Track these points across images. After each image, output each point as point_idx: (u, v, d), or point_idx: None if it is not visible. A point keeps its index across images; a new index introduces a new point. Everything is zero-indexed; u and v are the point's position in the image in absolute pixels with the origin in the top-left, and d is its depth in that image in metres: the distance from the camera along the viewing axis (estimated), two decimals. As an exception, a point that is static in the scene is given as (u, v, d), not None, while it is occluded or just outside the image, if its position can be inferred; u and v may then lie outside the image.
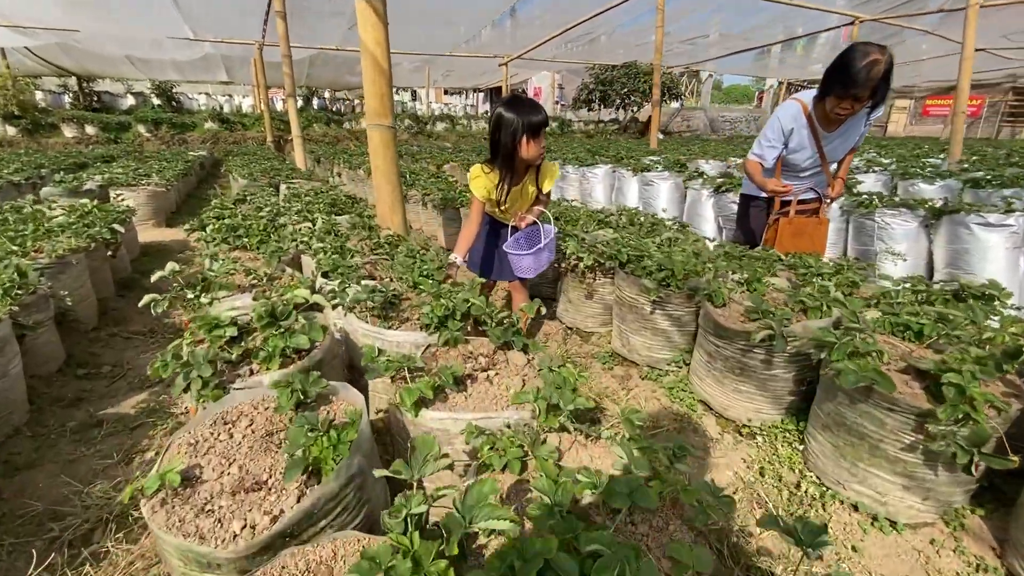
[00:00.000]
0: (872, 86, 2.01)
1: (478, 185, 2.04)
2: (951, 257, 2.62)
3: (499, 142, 1.92)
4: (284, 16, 7.45)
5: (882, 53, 2.00)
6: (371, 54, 2.87)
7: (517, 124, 1.84)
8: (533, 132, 1.86)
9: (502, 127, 1.88)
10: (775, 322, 1.56)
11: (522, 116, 1.84)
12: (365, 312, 1.75)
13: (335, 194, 4.09)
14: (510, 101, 1.88)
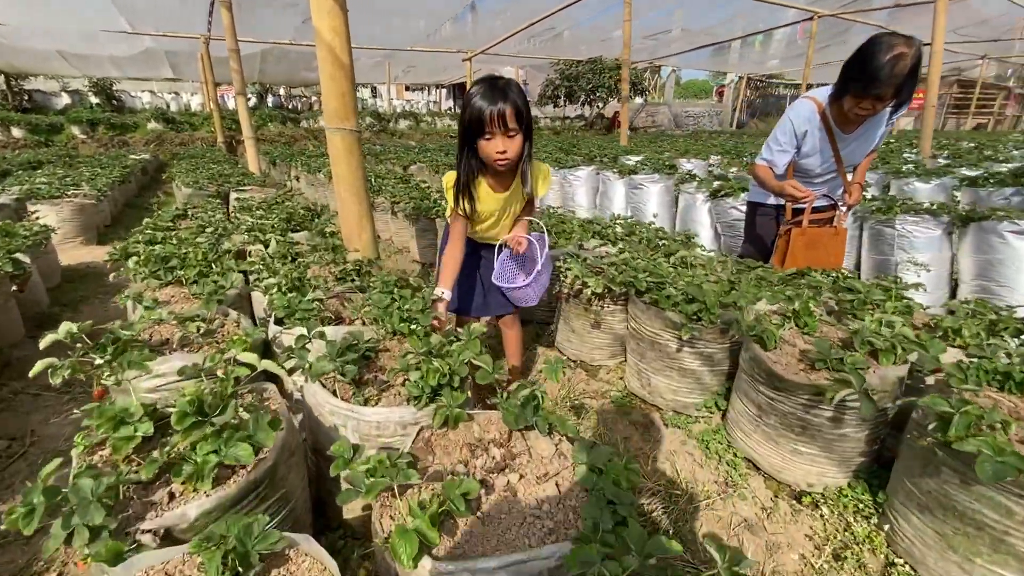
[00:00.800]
0: (896, 84, 1.75)
1: (450, 197, 1.63)
2: (980, 268, 2.41)
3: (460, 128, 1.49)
4: (230, 6, 6.82)
5: (908, 45, 1.74)
6: (328, 45, 2.44)
7: (466, 112, 1.41)
8: (479, 124, 1.39)
9: (464, 112, 1.44)
10: (854, 376, 1.26)
11: (484, 104, 1.37)
12: (332, 378, 1.36)
13: (291, 205, 3.62)
14: (481, 82, 1.42)
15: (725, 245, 3.42)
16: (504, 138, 1.42)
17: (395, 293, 1.78)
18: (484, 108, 1.36)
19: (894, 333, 1.49)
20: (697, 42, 16.44)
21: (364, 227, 2.70)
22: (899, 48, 1.73)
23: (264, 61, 16.05)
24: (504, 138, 1.42)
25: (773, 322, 1.62)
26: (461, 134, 1.49)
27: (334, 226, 3.09)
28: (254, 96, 18.53)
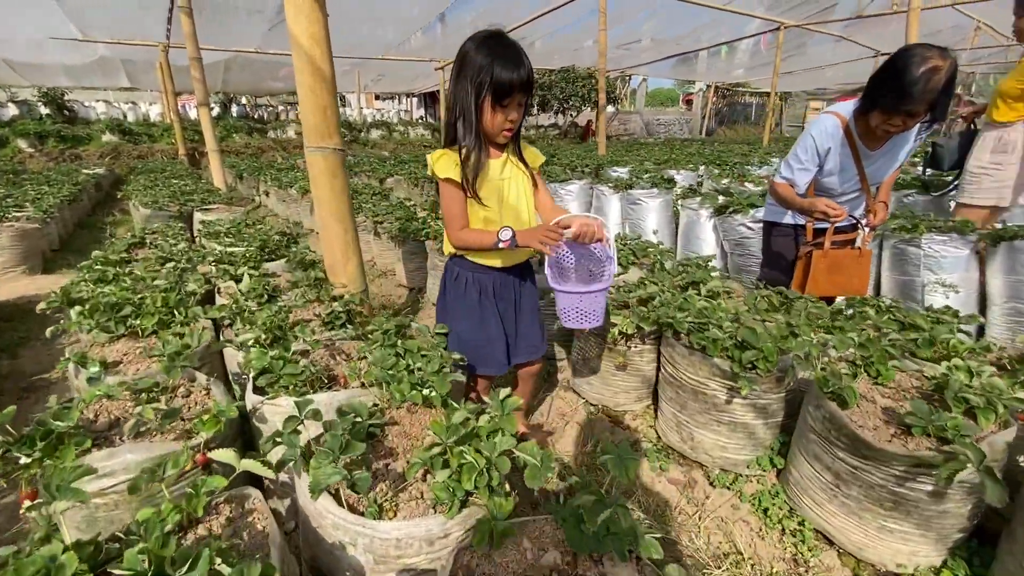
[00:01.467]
0: (930, 100, 1.60)
1: (446, 163, 1.34)
2: (1013, 289, 2.29)
3: (458, 94, 1.28)
4: (190, 12, 6.40)
5: (943, 58, 1.59)
6: (306, 54, 2.16)
7: (485, 76, 1.21)
8: (502, 93, 1.23)
9: (463, 74, 1.25)
10: (972, 452, 1.05)
11: (494, 67, 1.20)
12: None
13: (264, 228, 3.28)
14: (483, 39, 1.25)
15: (733, 264, 3.25)
16: (517, 106, 1.29)
17: (399, 346, 1.50)
18: (511, 76, 1.20)
19: (985, 385, 1.30)
20: (666, 52, 16.65)
21: (350, 256, 2.41)
22: (934, 61, 1.58)
23: (228, 70, 15.43)
24: (517, 106, 1.29)
25: (844, 372, 1.41)
26: (469, 100, 1.26)
27: (314, 253, 2.78)
28: (217, 106, 17.82)
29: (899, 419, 1.23)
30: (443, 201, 1.40)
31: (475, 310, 1.51)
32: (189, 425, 1.25)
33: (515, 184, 1.43)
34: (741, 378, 1.42)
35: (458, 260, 1.51)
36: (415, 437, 1.24)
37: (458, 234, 1.41)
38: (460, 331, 1.53)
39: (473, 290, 1.50)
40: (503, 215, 1.41)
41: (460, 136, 1.32)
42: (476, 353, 1.53)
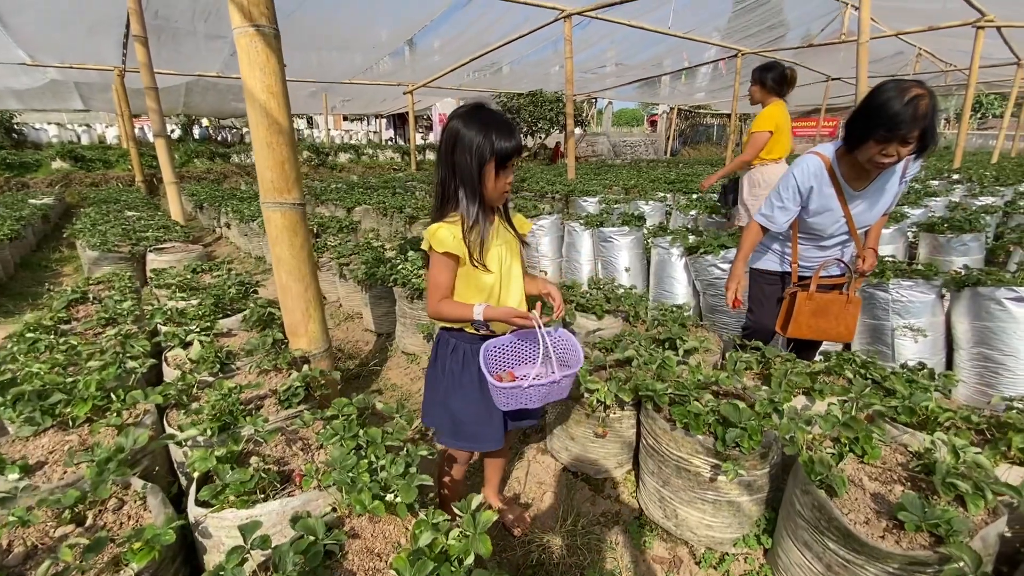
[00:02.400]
0: (923, 125, 1.60)
1: (445, 237, 1.30)
2: (979, 335, 2.33)
3: (455, 170, 1.30)
4: (145, 41, 6.17)
5: (921, 87, 1.60)
6: (262, 107, 2.05)
7: (486, 149, 1.26)
8: (504, 160, 1.29)
9: (459, 150, 1.28)
10: (966, 555, 1.00)
11: (493, 138, 1.26)
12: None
13: (221, 279, 3.10)
14: (471, 114, 1.29)
15: (706, 304, 3.24)
16: (512, 169, 1.34)
17: (360, 437, 1.38)
18: (511, 143, 1.28)
19: (970, 463, 1.27)
20: (629, 76, 17.13)
21: (311, 316, 2.27)
22: (915, 90, 1.59)
23: (189, 93, 15.03)
24: (512, 169, 1.34)
25: (830, 452, 1.37)
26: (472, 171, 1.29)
27: (274, 308, 2.62)
28: (178, 128, 17.32)
29: (890, 511, 1.18)
30: (433, 271, 1.36)
31: (475, 387, 1.43)
32: (121, 548, 1.10)
33: (509, 249, 1.43)
34: (726, 461, 1.35)
35: (455, 332, 1.45)
36: (379, 554, 1.12)
37: (437, 305, 1.37)
38: (457, 407, 1.45)
39: (473, 364, 1.41)
40: (503, 279, 1.41)
41: (463, 207, 1.33)
42: (475, 430, 1.45)
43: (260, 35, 1.99)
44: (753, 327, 2.22)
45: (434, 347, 1.51)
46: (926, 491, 1.26)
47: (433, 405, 1.50)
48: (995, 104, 31.15)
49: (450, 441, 1.48)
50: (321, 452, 1.47)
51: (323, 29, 10.03)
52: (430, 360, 1.53)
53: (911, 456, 1.38)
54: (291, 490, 1.31)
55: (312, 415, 1.55)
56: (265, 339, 2.11)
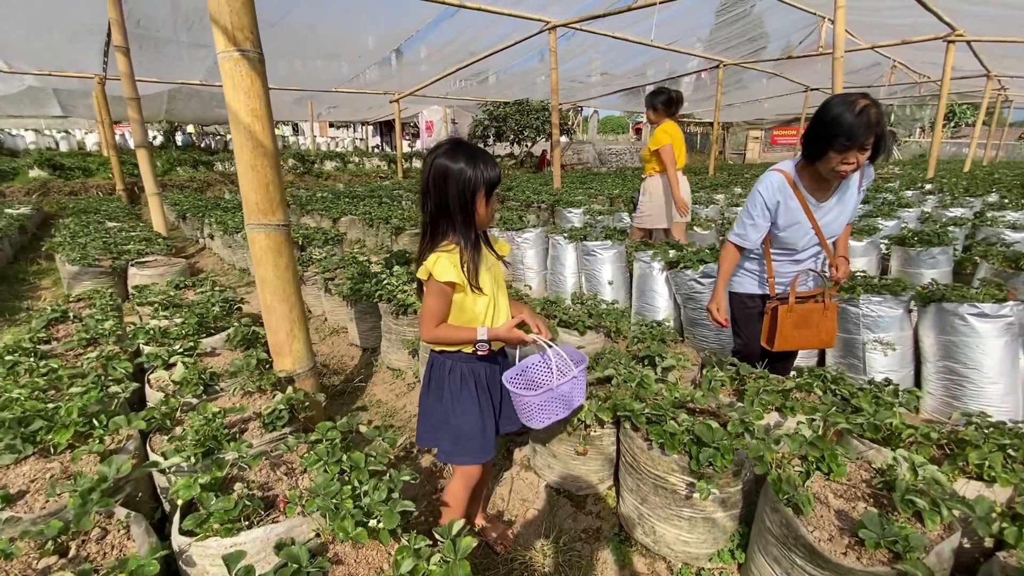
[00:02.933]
0: (878, 132, 1.71)
1: (445, 266, 1.37)
2: (944, 349, 2.42)
3: (447, 202, 1.39)
4: (127, 51, 6.14)
5: (867, 98, 1.73)
6: (247, 130, 2.08)
7: (478, 179, 1.37)
8: (492, 188, 1.41)
9: (450, 183, 1.37)
10: (922, 572, 1.06)
11: (481, 170, 1.37)
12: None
13: (204, 295, 3.09)
14: (454, 151, 1.38)
15: (686, 317, 3.31)
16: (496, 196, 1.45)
17: (344, 462, 1.40)
18: (496, 172, 1.40)
19: (928, 479, 1.34)
20: (614, 86, 17.35)
21: (296, 336, 2.28)
22: (862, 101, 1.71)
23: (172, 99, 14.87)
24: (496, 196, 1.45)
25: (796, 468, 1.43)
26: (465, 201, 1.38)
27: (259, 327, 2.63)
28: (160, 135, 17.10)
29: (853, 528, 1.24)
30: (431, 300, 1.43)
31: (474, 402, 1.52)
32: (103, 581, 1.11)
33: (496, 270, 1.54)
34: (700, 479, 1.41)
35: (451, 355, 1.52)
36: (362, 581, 1.15)
37: (435, 331, 1.45)
38: (461, 426, 1.51)
39: (470, 381, 1.51)
40: (497, 299, 1.51)
41: (460, 235, 1.41)
42: (479, 444, 1.53)
43: (245, 59, 2.02)
44: (743, 350, 2.26)
45: (427, 373, 1.57)
46: (887, 507, 1.33)
47: (429, 430, 1.57)
48: (968, 113, 32.08)
49: (457, 458, 1.54)
50: (305, 477, 1.49)
51: (309, 38, 10.05)
52: (423, 387, 1.59)
53: (875, 473, 1.45)
54: (275, 516, 1.33)
55: (296, 439, 1.57)
56: (249, 360, 2.12)
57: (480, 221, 1.43)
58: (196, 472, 1.41)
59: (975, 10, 8.56)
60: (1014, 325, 2.27)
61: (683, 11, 10.51)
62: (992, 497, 1.42)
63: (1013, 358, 2.28)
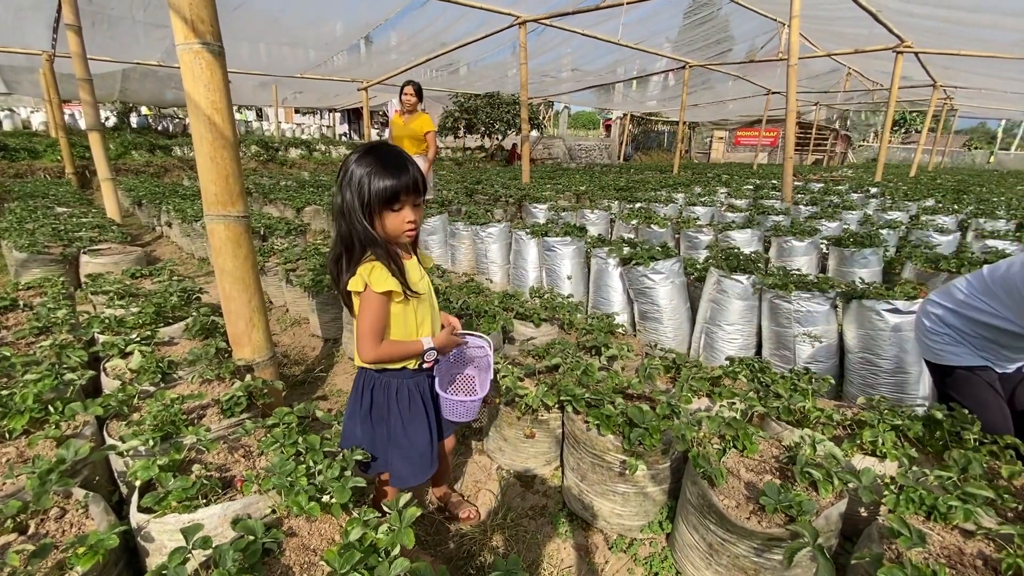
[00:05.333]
0: None
1: (382, 275, 1.31)
2: (863, 342, 2.66)
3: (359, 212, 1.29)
4: (79, 30, 5.89)
5: None
6: (207, 120, 2.10)
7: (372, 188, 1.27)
8: (388, 200, 1.28)
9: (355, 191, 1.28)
10: (807, 531, 1.23)
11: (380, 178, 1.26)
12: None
13: (162, 284, 3.07)
14: (365, 155, 1.30)
15: (639, 311, 3.49)
16: (412, 207, 1.34)
17: (299, 443, 1.49)
18: (393, 181, 1.28)
19: (826, 454, 1.52)
20: (585, 82, 17.56)
21: (255, 325, 2.33)
22: None
23: (126, 79, 14.23)
24: (412, 207, 1.34)
25: (715, 446, 1.59)
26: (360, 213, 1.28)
27: (218, 316, 2.65)
28: (114, 116, 16.34)
29: (757, 496, 1.41)
30: (368, 315, 1.34)
31: (424, 417, 1.50)
32: (63, 556, 1.17)
33: (428, 283, 1.51)
34: (630, 458, 1.55)
35: (395, 372, 1.45)
36: (315, 550, 1.25)
37: (378, 349, 1.37)
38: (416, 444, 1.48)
39: (417, 397, 1.48)
40: (433, 314, 1.50)
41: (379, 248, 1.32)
42: (430, 458, 1.52)
43: (205, 51, 2.05)
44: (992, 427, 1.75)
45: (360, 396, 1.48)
46: (790, 479, 1.50)
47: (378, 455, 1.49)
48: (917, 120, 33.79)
49: (414, 480, 1.50)
50: (262, 459, 1.57)
51: (273, 24, 9.80)
52: (356, 411, 1.49)
53: (784, 450, 1.63)
54: (232, 495, 1.40)
55: (254, 424, 1.64)
56: (208, 349, 2.16)
57: (388, 232, 1.33)
58: (154, 455, 1.46)
59: (923, 23, 9.08)
60: (922, 321, 2.52)
61: (652, 11, 10.74)
62: (881, 470, 1.62)
63: (921, 350, 2.53)
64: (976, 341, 1.81)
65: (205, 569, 1.15)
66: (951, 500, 1.32)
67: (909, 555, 1.18)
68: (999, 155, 31.44)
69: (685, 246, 4.86)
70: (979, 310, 1.76)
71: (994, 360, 1.82)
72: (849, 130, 33.08)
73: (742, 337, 3.08)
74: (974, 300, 1.78)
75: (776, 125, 26.84)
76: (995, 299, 1.72)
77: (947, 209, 6.64)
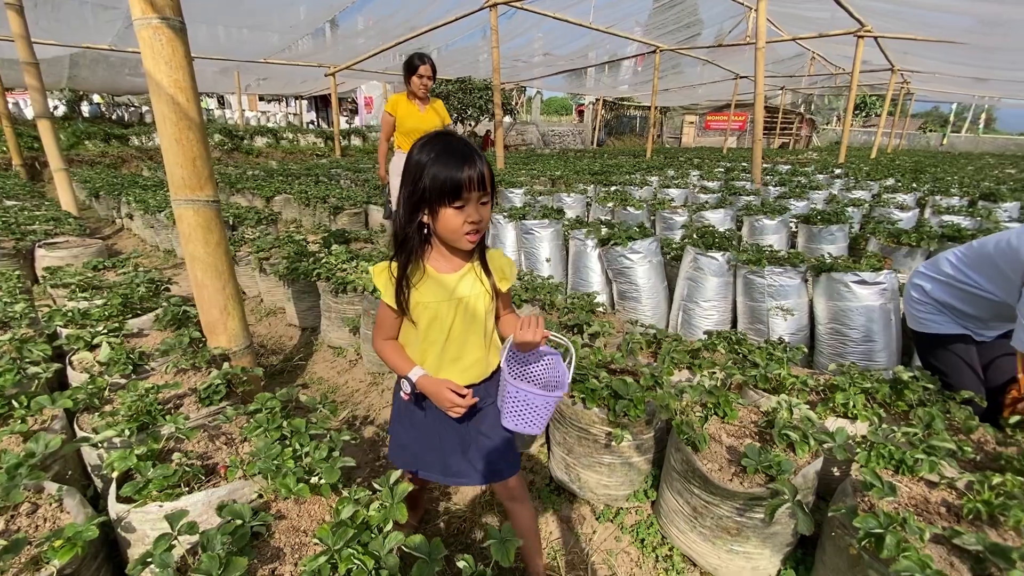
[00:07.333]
0: None
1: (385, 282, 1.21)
2: (832, 313, 2.76)
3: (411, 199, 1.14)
4: (20, 9, 5.54)
5: None
6: (170, 100, 2.02)
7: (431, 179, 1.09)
8: (448, 195, 1.09)
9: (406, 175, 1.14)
10: (787, 488, 1.28)
11: (436, 164, 1.09)
12: None
13: (128, 276, 2.95)
14: (429, 139, 1.14)
15: (617, 291, 3.53)
16: (478, 205, 1.14)
17: (284, 427, 1.46)
18: (456, 172, 1.08)
19: (802, 418, 1.58)
20: (556, 67, 17.49)
21: (230, 313, 2.27)
22: None
23: (75, 65, 13.53)
24: (478, 205, 1.14)
25: (697, 414, 1.63)
26: (412, 205, 1.14)
27: (190, 305, 2.56)
28: (63, 104, 15.49)
29: (739, 459, 1.45)
30: (380, 312, 1.27)
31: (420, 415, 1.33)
32: (38, 551, 1.13)
33: (469, 307, 1.23)
34: (615, 428, 1.58)
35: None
36: (305, 531, 1.23)
37: (380, 345, 1.28)
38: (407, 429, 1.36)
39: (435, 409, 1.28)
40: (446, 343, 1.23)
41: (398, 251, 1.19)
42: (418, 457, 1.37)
43: (165, 27, 1.95)
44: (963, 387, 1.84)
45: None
46: (769, 442, 1.56)
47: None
48: (877, 104, 34.83)
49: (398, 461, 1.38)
50: (246, 445, 1.54)
51: (234, 3, 9.40)
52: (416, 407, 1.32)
53: (762, 415, 1.69)
54: (216, 481, 1.37)
55: (235, 410, 1.60)
56: (181, 338, 2.09)
57: (442, 234, 1.16)
58: (131, 446, 1.42)
59: (882, 7, 9.32)
60: (887, 291, 2.62)
61: (622, -6, 10.72)
62: (853, 431, 1.70)
63: (887, 319, 2.64)
64: (958, 311, 1.91)
65: (192, 555, 1.13)
66: (917, 454, 1.39)
67: (881, 505, 1.25)
68: (951, 137, 32.77)
69: (661, 227, 4.93)
70: (963, 282, 1.86)
71: (973, 329, 1.92)
72: (814, 114, 33.90)
73: (718, 313, 3.16)
74: (959, 273, 1.87)
75: (745, 109, 27.28)
76: (980, 272, 1.81)
77: (906, 188, 6.90)
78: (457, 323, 1.23)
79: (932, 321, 1.97)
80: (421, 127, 3.85)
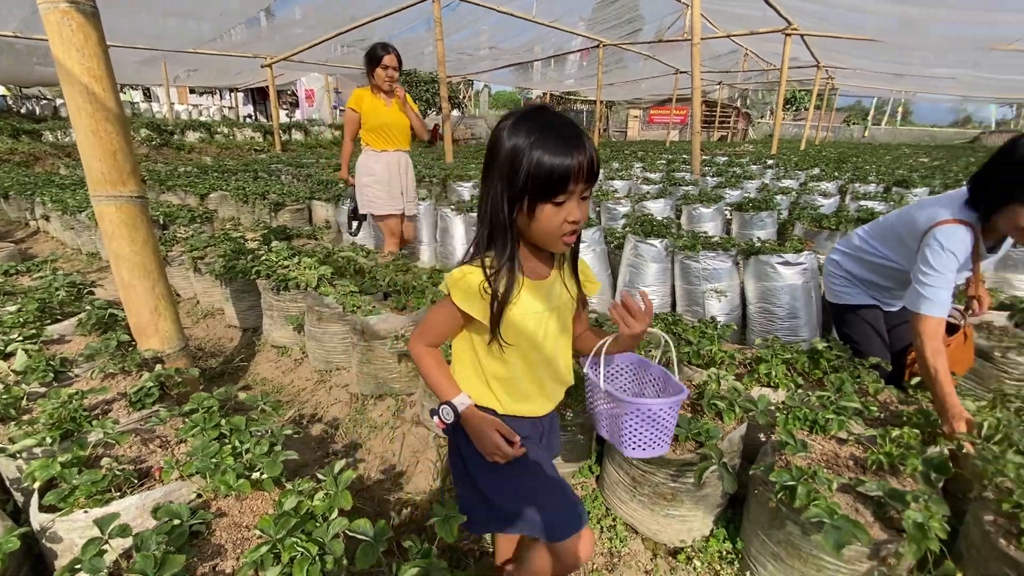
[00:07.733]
0: None
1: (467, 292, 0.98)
2: (761, 293, 2.95)
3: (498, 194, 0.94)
4: (-96, -10, 4.97)
5: None
6: (84, 92, 1.91)
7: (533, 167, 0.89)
8: (551, 188, 0.90)
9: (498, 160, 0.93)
10: (714, 452, 1.38)
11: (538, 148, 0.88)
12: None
13: (45, 280, 2.75)
14: (524, 116, 0.93)
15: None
16: (579, 201, 0.94)
17: (223, 426, 1.43)
18: (563, 159, 0.88)
19: (730, 389, 1.70)
20: (503, 60, 17.52)
21: (162, 314, 2.17)
22: None
23: (-27, 54, 12.25)
24: (579, 201, 0.94)
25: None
26: (506, 199, 0.93)
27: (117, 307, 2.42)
28: (-39, 99, 14.05)
29: (672, 430, 1.55)
30: (435, 312, 1.07)
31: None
32: (-51, 568, 1.06)
33: (559, 318, 1.07)
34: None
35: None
36: (248, 526, 1.22)
37: (420, 351, 1.09)
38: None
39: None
40: (535, 365, 1.07)
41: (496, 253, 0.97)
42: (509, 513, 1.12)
43: (75, 11, 1.84)
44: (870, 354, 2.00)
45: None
46: (699, 412, 1.67)
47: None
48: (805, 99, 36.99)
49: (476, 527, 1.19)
50: (182, 446, 1.49)
51: None
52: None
53: (694, 388, 1.80)
54: (151, 485, 1.33)
55: (169, 412, 1.55)
56: (108, 342, 1.99)
57: (536, 235, 0.96)
58: (54, 454, 1.34)
59: (808, 7, 9.92)
60: (807, 270, 2.84)
61: (565, -12, 10.84)
62: (776, 398, 1.84)
63: (808, 297, 2.86)
64: (867, 282, 2.10)
65: (126, 559, 1.10)
66: (828, 414, 1.54)
67: (795, 461, 1.37)
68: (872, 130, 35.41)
69: (605, 217, 5.07)
70: (871, 253, 2.05)
71: (881, 299, 2.11)
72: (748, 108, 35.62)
73: (658, 297, 3.31)
74: (867, 245, 2.07)
75: (685, 104, 28.28)
76: (885, 244, 2.00)
77: (830, 176, 7.42)
78: (549, 339, 1.06)
79: (845, 293, 2.16)
80: (389, 122, 3.60)
